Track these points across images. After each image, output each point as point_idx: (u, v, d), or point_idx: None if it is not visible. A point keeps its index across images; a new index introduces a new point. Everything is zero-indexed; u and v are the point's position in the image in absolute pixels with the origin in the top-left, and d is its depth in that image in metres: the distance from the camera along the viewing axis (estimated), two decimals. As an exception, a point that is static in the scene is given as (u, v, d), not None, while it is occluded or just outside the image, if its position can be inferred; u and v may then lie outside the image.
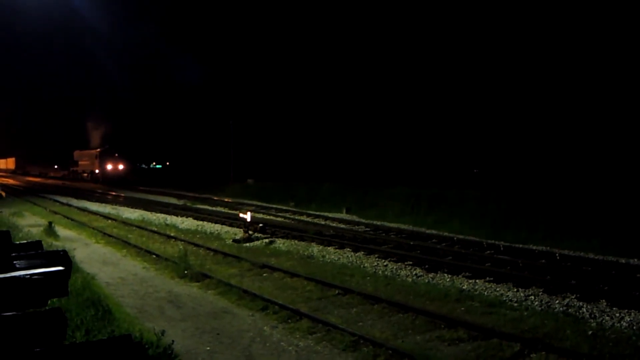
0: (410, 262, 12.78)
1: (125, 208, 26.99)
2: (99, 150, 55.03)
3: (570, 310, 8.93)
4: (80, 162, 58.80)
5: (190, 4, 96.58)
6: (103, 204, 28.95)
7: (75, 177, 59.40)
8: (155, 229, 18.72)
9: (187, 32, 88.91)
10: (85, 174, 57.12)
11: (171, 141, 71.24)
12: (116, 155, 53.97)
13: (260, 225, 17.86)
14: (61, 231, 17.97)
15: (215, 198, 33.28)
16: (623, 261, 12.99)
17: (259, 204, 29.17)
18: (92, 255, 14.30)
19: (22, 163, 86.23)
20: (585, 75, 38.84)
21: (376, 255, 13.69)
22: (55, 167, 73.49)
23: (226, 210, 26.13)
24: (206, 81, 72.90)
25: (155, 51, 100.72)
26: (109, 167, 53.07)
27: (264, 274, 11.88)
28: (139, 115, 77.34)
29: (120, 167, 53.87)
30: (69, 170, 62.58)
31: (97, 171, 53.96)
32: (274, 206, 27.81)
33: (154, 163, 72.67)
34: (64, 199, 31.49)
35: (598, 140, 35.49)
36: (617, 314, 8.59)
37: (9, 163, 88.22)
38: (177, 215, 23.18)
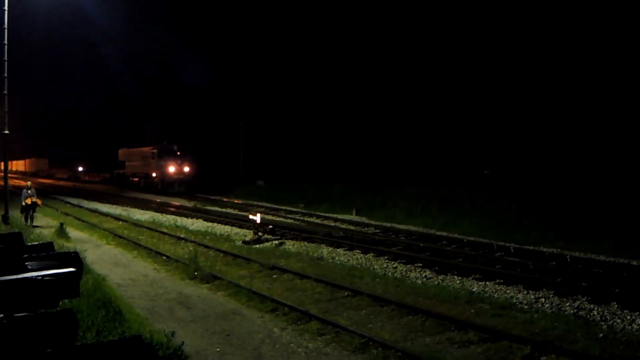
0: (420, 264, 12.75)
1: (136, 209, 27.18)
2: (155, 147, 40.96)
3: (581, 312, 8.87)
4: (127, 164, 46.01)
5: (199, 6, 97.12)
6: (114, 206, 29.16)
7: (121, 182, 46.92)
8: (166, 231, 18.83)
9: (196, 34, 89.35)
10: (136, 179, 43.80)
11: (181, 142, 71.51)
12: (178, 153, 40.15)
13: (270, 226, 17.90)
14: (72, 232, 18.13)
15: (225, 199, 33.43)
16: (635, 263, 12.87)
17: (269, 205, 29.23)
18: (103, 256, 14.42)
19: (44, 164, 76.99)
20: (597, 77, 38.51)
21: (386, 257, 13.67)
22: (80, 169, 66.16)
23: (236, 211, 26.22)
24: (216, 83, 73.10)
25: (164, 53, 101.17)
26: (171, 169, 39.13)
27: (274, 276, 11.91)
28: (149, 116, 77.70)
29: (186, 169, 39.89)
30: (113, 173, 50.39)
31: (154, 175, 40.41)
32: (284, 208, 27.86)
33: None
34: (75, 201, 31.76)
35: (609, 142, 35.17)
36: (629, 317, 8.51)
37: (28, 165, 78.68)
38: (187, 217, 23.30)
